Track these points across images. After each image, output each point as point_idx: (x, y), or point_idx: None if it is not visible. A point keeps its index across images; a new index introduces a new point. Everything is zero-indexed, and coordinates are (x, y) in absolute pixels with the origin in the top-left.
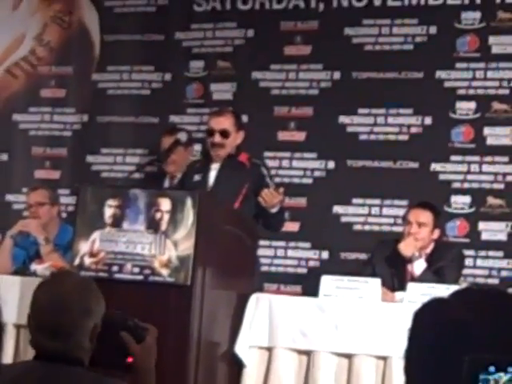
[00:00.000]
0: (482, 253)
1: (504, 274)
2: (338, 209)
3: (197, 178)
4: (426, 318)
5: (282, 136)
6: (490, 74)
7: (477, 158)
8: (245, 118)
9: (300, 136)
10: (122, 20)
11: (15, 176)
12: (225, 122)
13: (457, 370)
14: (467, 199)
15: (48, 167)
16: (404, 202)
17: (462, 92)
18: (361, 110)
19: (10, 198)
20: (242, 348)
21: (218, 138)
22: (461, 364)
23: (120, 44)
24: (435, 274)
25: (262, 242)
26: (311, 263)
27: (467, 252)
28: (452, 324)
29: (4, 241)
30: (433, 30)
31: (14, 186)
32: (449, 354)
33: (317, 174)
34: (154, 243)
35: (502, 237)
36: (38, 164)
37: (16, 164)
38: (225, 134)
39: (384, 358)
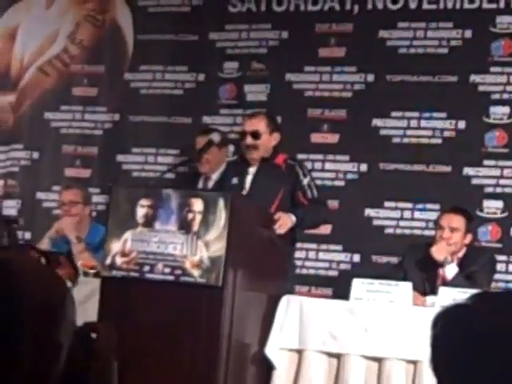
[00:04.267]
0: None
1: None
2: (369, 212)
3: (234, 181)
4: (448, 323)
5: (315, 138)
6: None
7: (510, 163)
8: (278, 120)
9: (333, 138)
10: (156, 20)
11: (46, 174)
12: (257, 124)
13: (482, 376)
14: (500, 204)
15: (78, 166)
16: (436, 206)
17: (496, 96)
18: (394, 113)
19: (40, 195)
20: (272, 350)
21: (249, 140)
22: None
23: (153, 44)
24: (467, 278)
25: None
26: (342, 266)
27: (499, 257)
28: (475, 329)
29: (42, 241)
30: (468, 33)
31: (45, 184)
32: (474, 360)
33: (349, 176)
34: (186, 244)
35: None
36: (68, 162)
37: (47, 162)
38: (256, 135)
39: (414, 362)
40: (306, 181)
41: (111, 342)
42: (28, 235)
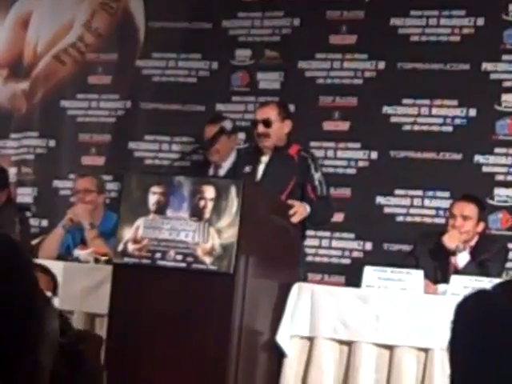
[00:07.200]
0: None
1: None
2: (380, 199)
3: (247, 169)
4: (471, 309)
5: (327, 126)
6: None
7: None
8: (291, 108)
9: (344, 126)
10: (168, 7)
11: (62, 162)
12: (268, 112)
13: (502, 363)
14: (510, 192)
15: (94, 154)
16: (446, 194)
17: (507, 84)
18: (405, 101)
19: (57, 183)
20: (283, 337)
21: (260, 128)
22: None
23: (166, 31)
24: (479, 266)
25: (307, 232)
26: (355, 254)
27: (511, 245)
28: (498, 315)
29: (55, 229)
30: (480, 21)
31: (62, 172)
32: (494, 346)
33: (360, 164)
34: (198, 231)
35: None
36: (84, 150)
37: (63, 150)
38: (267, 123)
39: (425, 350)
40: (317, 176)
41: (98, 353)
42: (45, 223)
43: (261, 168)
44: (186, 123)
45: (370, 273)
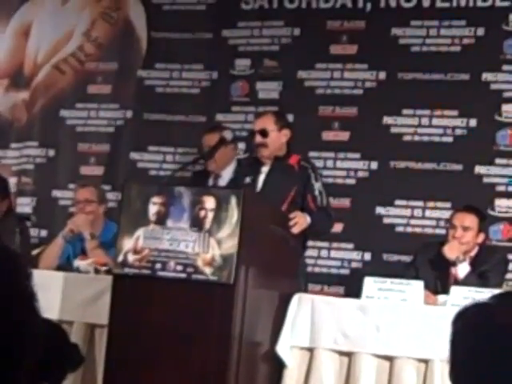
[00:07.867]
0: None
1: None
2: (380, 210)
3: (248, 180)
4: (469, 320)
5: (326, 136)
6: None
7: None
8: (290, 118)
9: (344, 136)
10: (171, 17)
11: (62, 172)
12: (265, 122)
13: (500, 374)
14: (511, 203)
15: (93, 163)
16: (447, 205)
17: (508, 94)
18: (405, 111)
19: (56, 193)
20: (283, 348)
21: (258, 138)
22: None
23: (169, 41)
24: (479, 277)
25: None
26: (354, 264)
27: (511, 256)
28: (496, 326)
29: (56, 239)
30: (480, 31)
31: (61, 182)
32: (493, 359)
33: (360, 174)
34: (198, 241)
35: None
36: (83, 160)
37: (63, 160)
38: (263, 132)
39: (425, 361)
40: (317, 186)
41: None
42: (44, 233)
43: (261, 178)
44: (187, 134)
45: (370, 283)
